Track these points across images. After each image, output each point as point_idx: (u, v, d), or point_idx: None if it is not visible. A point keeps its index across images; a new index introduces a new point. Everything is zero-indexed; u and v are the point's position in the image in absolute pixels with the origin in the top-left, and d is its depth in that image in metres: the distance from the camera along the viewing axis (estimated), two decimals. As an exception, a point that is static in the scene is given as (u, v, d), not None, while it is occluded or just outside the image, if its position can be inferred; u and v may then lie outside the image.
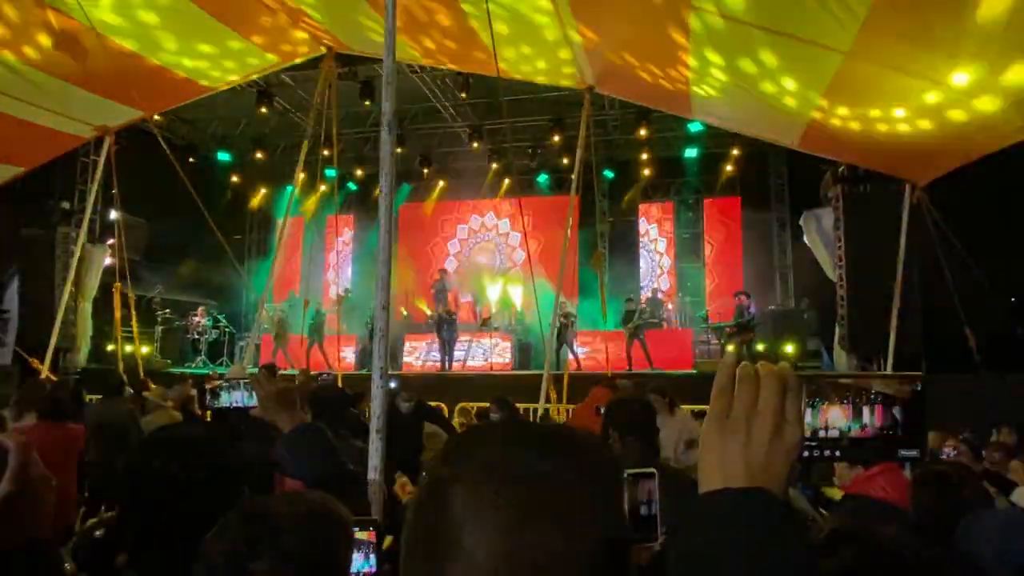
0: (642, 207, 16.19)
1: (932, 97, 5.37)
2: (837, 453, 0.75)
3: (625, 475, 1.63)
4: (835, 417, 0.74)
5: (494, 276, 16.28)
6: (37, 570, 0.80)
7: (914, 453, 0.75)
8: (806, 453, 0.71)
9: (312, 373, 7.77)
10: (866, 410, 0.74)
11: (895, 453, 0.76)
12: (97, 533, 1.73)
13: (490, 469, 0.57)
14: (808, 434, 0.72)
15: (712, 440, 0.67)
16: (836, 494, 4.38)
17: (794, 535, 0.60)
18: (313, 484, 1.31)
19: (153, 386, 6.90)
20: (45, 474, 0.86)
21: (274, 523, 0.87)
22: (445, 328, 12.56)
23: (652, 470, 1.65)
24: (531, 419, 7.94)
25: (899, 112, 5.88)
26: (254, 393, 1.50)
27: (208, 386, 1.65)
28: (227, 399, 1.57)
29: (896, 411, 0.74)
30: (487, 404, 6.48)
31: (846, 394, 0.74)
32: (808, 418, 0.73)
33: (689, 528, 0.63)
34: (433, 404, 8.19)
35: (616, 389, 5.66)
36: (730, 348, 11.85)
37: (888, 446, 0.75)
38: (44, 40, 6.73)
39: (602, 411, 4.99)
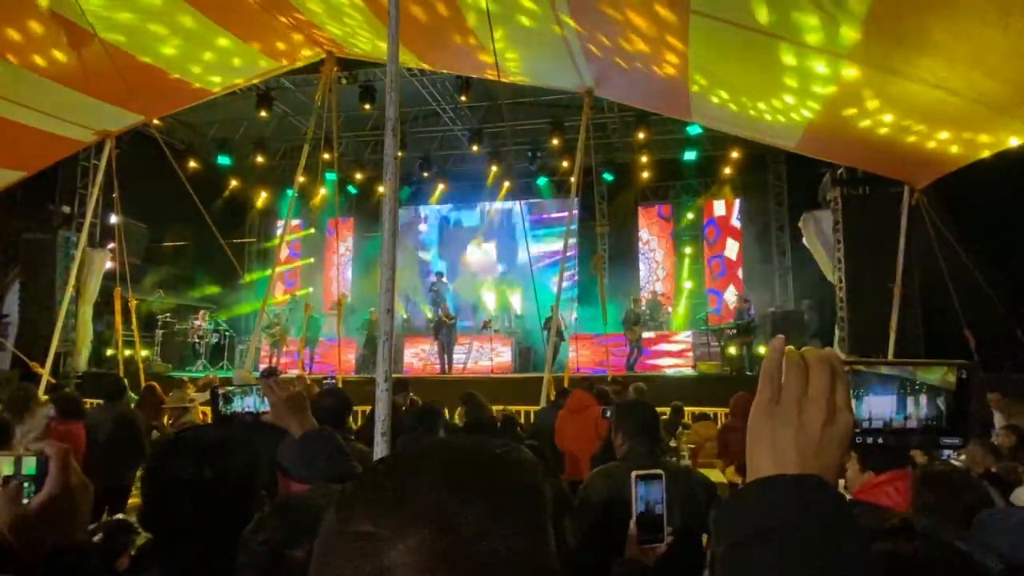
0: (641, 210, 16.23)
1: (932, 101, 5.40)
2: (880, 441, 0.74)
3: (633, 477, 1.66)
4: (879, 407, 0.73)
5: (494, 279, 16.31)
6: (74, 573, 0.82)
7: (956, 441, 0.74)
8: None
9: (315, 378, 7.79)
10: (910, 401, 0.73)
11: (937, 442, 0.75)
12: (96, 538, 1.75)
13: (433, 525, 0.50)
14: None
15: (761, 427, 0.65)
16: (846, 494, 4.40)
17: (850, 522, 0.59)
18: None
19: (180, 391, 6.90)
20: (84, 480, 0.88)
21: (314, 513, 0.88)
22: (444, 331, 12.59)
23: (659, 472, 1.68)
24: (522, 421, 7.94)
25: (897, 115, 5.92)
26: (266, 399, 1.52)
27: (221, 391, 1.67)
28: (239, 404, 1.59)
29: (940, 401, 0.73)
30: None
31: (890, 384, 0.73)
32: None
33: (742, 514, 0.61)
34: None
35: (600, 391, 5.65)
36: (731, 350, 11.88)
37: (931, 436, 0.74)
38: (46, 45, 6.76)
39: (608, 414, 5.02)
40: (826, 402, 0.64)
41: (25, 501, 0.86)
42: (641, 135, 13.21)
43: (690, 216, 16.04)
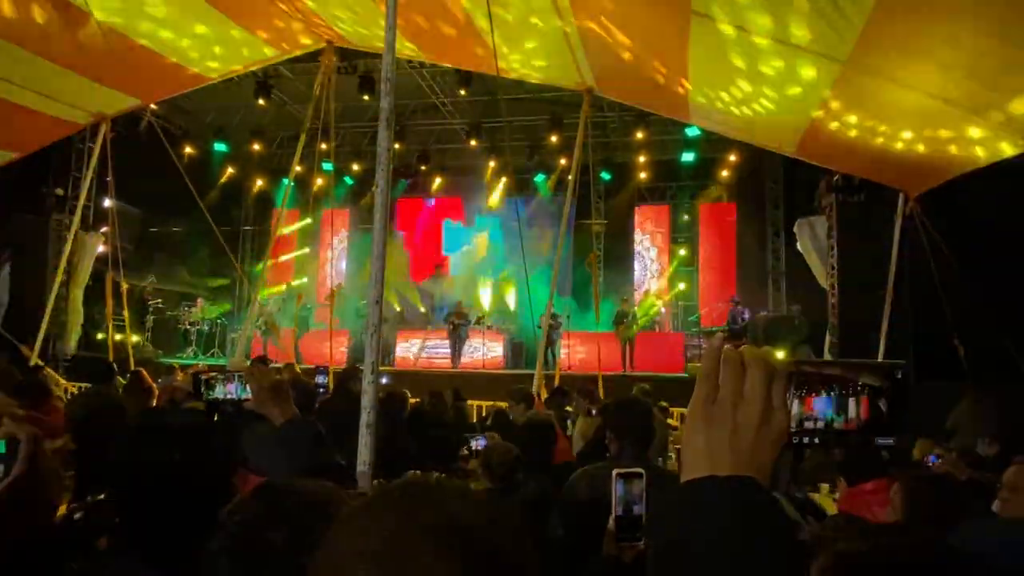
0: (637, 210, 16.23)
1: (928, 109, 5.42)
2: (816, 440, 0.74)
3: (613, 475, 1.66)
4: (820, 407, 0.74)
5: (488, 275, 16.28)
6: (46, 557, 0.81)
7: (889, 441, 0.75)
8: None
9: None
10: (851, 402, 0.74)
11: (873, 442, 0.76)
12: (76, 516, 1.73)
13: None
14: (792, 424, 0.71)
15: (697, 426, 0.64)
16: (825, 502, 4.41)
17: (780, 524, 0.58)
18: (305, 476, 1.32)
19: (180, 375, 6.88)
20: (54, 466, 0.87)
21: (296, 499, 0.87)
22: (461, 327, 12.54)
23: (640, 470, 1.68)
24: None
25: (894, 122, 5.93)
26: (248, 385, 1.51)
27: (204, 377, 1.66)
28: (221, 391, 1.58)
29: (881, 403, 0.74)
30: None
31: (832, 385, 0.74)
32: (794, 408, 0.72)
33: (672, 516, 0.61)
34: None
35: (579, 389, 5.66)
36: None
37: (867, 436, 0.75)
38: (42, 24, 6.69)
39: (594, 413, 5.01)
40: (761, 402, 0.63)
41: None
42: (640, 135, 13.20)
43: (686, 217, 16.05)
